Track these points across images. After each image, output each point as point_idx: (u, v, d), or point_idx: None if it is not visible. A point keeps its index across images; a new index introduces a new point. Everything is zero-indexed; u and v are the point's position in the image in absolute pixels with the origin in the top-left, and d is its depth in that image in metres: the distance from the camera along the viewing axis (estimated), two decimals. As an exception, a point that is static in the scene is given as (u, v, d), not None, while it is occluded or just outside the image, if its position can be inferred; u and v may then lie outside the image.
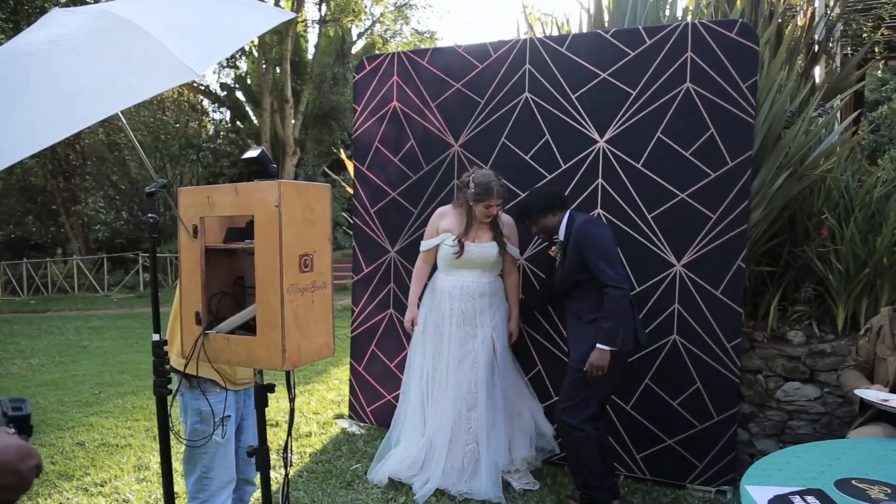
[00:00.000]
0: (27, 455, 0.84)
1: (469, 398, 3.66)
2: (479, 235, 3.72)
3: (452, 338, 3.69)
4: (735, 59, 3.55)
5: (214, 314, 2.19)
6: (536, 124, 4.01)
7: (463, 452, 3.64)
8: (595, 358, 3.16)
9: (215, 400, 2.43)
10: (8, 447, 0.83)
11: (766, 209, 3.66)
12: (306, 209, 1.95)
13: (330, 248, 2.07)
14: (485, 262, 3.71)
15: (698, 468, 3.69)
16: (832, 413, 3.62)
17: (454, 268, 3.73)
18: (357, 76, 4.67)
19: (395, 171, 4.50)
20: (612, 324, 3.15)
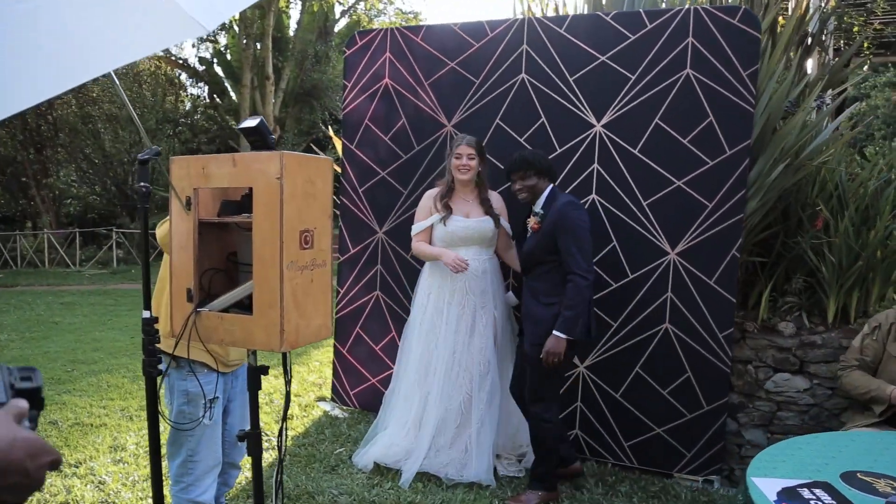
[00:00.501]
0: (39, 452, 0.73)
1: (472, 381, 3.59)
2: (471, 211, 3.65)
3: (453, 318, 3.61)
4: (736, 46, 3.50)
5: (206, 291, 2.09)
6: (532, 106, 3.93)
7: (461, 437, 3.58)
8: (551, 345, 3.14)
9: (204, 381, 2.33)
10: (16, 442, 0.71)
11: (762, 199, 3.64)
12: (307, 182, 1.86)
13: (330, 224, 1.97)
14: (482, 238, 3.64)
15: (686, 457, 3.68)
16: (821, 405, 3.63)
17: (452, 246, 3.65)
18: (348, 51, 4.54)
19: (386, 150, 4.40)
20: (573, 313, 3.13)
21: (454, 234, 3.62)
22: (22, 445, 0.71)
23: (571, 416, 3.90)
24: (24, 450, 0.71)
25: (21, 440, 0.71)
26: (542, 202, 3.36)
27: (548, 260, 3.29)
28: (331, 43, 17.73)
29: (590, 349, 3.82)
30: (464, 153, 3.60)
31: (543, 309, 3.28)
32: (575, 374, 3.87)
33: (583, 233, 3.22)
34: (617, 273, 3.76)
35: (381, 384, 4.44)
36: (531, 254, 3.36)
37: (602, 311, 3.78)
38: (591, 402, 3.87)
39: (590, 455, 3.90)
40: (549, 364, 3.17)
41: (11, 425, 0.72)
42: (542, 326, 3.25)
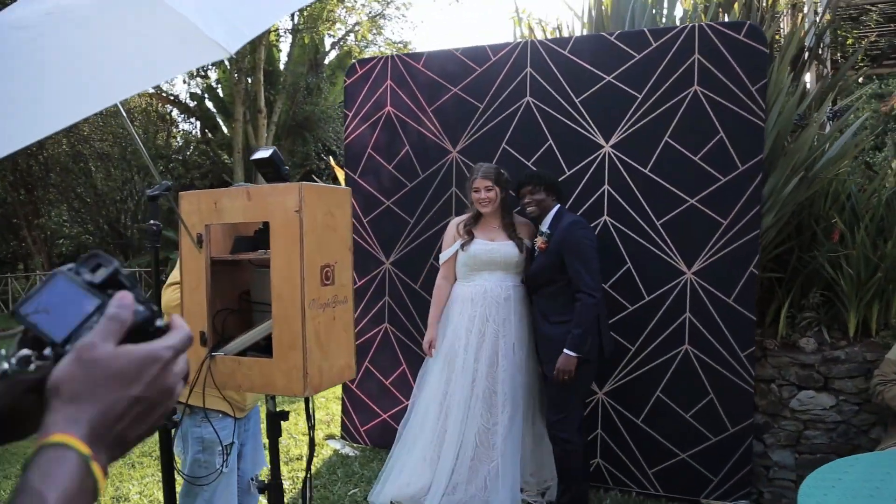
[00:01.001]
0: (148, 362, 0.58)
1: (491, 413, 3.48)
2: (496, 236, 3.56)
3: (472, 346, 3.50)
4: (743, 61, 3.46)
5: (220, 334, 1.99)
6: (539, 129, 3.88)
7: (479, 472, 3.46)
8: (562, 363, 3.18)
9: (219, 426, 2.22)
10: (141, 373, 0.57)
11: (777, 214, 3.58)
12: (327, 215, 1.77)
13: (350, 257, 1.88)
14: (507, 263, 3.54)
15: (713, 482, 3.56)
16: (848, 421, 3.53)
17: (476, 271, 3.56)
18: (348, 80, 4.50)
19: (390, 178, 4.33)
20: (581, 331, 3.18)
21: (477, 257, 3.53)
22: (143, 369, 0.58)
23: (592, 444, 3.78)
24: (131, 370, 0.57)
25: (123, 357, 0.57)
26: (549, 222, 3.40)
27: (556, 279, 3.33)
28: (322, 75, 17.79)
29: (608, 374, 3.72)
30: (481, 187, 3.51)
31: (553, 328, 3.32)
32: (594, 401, 3.76)
33: (589, 251, 3.27)
34: (633, 295, 3.67)
35: (393, 419, 4.31)
36: (539, 273, 3.41)
37: (619, 334, 3.68)
38: (612, 430, 3.76)
39: (613, 485, 3.77)
40: (561, 381, 3.21)
41: (104, 342, 0.57)
42: (551, 346, 3.30)
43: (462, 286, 3.61)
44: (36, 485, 0.50)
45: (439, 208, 4.14)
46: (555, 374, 3.22)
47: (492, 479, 3.43)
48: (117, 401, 0.55)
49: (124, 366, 0.56)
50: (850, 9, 5.40)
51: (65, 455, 0.52)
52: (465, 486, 3.46)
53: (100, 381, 0.55)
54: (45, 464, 0.51)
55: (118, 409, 0.55)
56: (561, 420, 3.31)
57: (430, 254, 4.10)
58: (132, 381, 0.56)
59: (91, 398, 0.54)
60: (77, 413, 0.54)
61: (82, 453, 0.52)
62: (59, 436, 0.52)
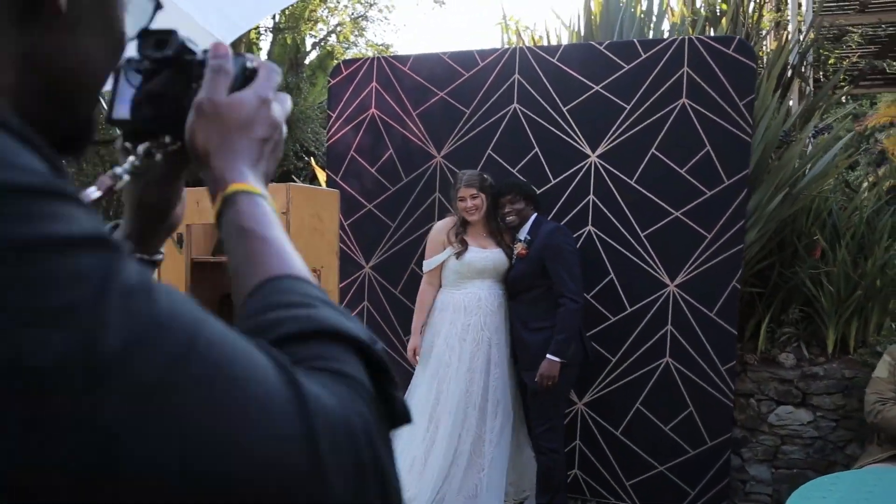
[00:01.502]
0: (259, 104, 0.59)
1: (483, 421, 3.43)
2: (485, 243, 3.53)
3: (466, 355, 3.45)
4: (732, 76, 3.47)
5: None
6: (525, 137, 3.85)
7: (469, 480, 3.40)
8: (545, 369, 3.17)
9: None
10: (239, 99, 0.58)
11: (761, 230, 3.59)
12: (314, 217, 1.71)
13: (337, 263, 1.83)
14: (498, 271, 3.51)
15: (691, 495, 3.55)
16: (825, 437, 3.55)
17: (468, 279, 3.51)
18: (332, 81, 4.43)
19: (372, 182, 4.27)
20: (565, 336, 3.18)
21: (471, 265, 3.48)
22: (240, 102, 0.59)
23: (570, 455, 3.75)
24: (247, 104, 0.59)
25: (253, 107, 0.59)
26: (528, 228, 3.41)
27: (536, 285, 3.33)
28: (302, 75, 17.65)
29: (588, 385, 3.70)
30: (466, 195, 3.46)
31: (532, 335, 3.31)
32: (573, 412, 3.74)
33: (571, 256, 3.29)
34: (615, 306, 3.66)
35: (370, 425, 4.25)
36: (519, 280, 3.40)
37: (600, 345, 3.66)
38: (590, 441, 3.74)
39: (590, 496, 3.75)
40: (544, 387, 3.19)
41: (234, 103, 0.58)
42: (531, 352, 3.29)
43: (451, 294, 3.56)
44: (257, 227, 0.52)
45: (422, 213, 4.09)
46: (538, 381, 3.20)
47: (481, 487, 3.38)
48: (252, 145, 0.58)
49: (246, 112, 0.58)
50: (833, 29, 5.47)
51: (253, 199, 0.54)
52: (455, 495, 3.41)
53: (234, 133, 0.57)
54: (246, 210, 0.53)
55: (255, 152, 0.58)
56: (548, 430, 3.29)
57: (411, 259, 4.05)
58: (255, 124, 0.58)
59: (237, 148, 0.57)
60: (235, 164, 0.56)
61: (263, 195, 0.56)
62: (236, 185, 0.55)
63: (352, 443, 0.39)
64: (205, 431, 0.33)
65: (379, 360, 0.46)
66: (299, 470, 0.36)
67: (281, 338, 0.43)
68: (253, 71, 0.61)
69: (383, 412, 0.44)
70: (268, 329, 0.43)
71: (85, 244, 0.34)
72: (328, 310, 0.47)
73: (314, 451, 0.36)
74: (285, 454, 0.35)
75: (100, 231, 0.35)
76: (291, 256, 0.52)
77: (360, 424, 0.40)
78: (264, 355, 0.38)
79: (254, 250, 0.52)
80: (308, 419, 0.36)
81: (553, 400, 3.26)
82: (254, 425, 0.35)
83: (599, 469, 3.72)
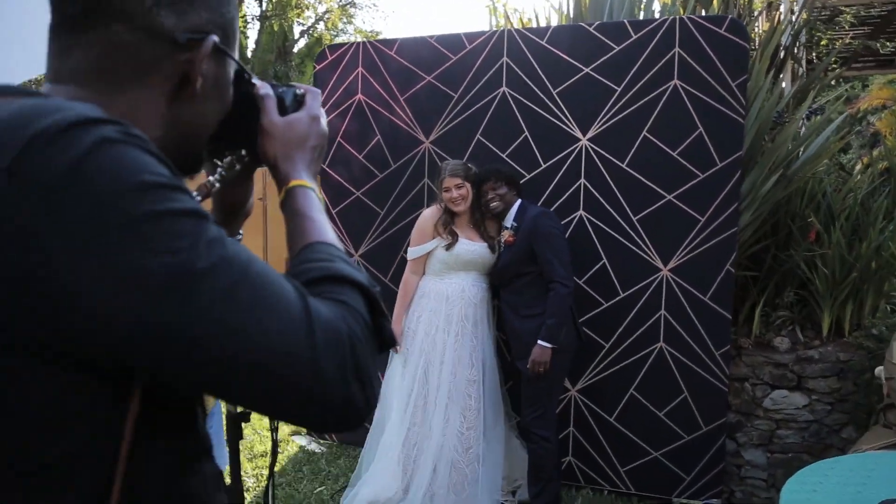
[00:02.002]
0: (310, 121, 0.85)
1: (468, 415, 3.38)
2: (472, 235, 3.47)
3: (450, 347, 3.39)
4: (725, 56, 3.41)
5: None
6: (514, 120, 3.78)
7: (459, 476, 3.35)
8: (537, 354, 3.12)
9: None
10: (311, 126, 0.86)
11: (755, 212, 3.54)
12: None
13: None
14: (484, 265, 3.46)
15: (685, 481, 3.52)
16: (821, 421, 3.51)
17: (454, 270, 3.45)
18: (318, 66, 4.35)
19: (360, 168, 4.20)
20: (555, 321, 3.12)
21: (460, 257, 3.42)
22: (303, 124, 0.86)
23: (564, 442, 3.72)
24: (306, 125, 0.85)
25: (307, 123, 0.86)
26: (513, 215, 3.35)
27: (525, 272, 3.27)
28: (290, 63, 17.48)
29: (581, 372, 3.65)
30: (451, 186, 3.38)
31: (524, 322, 3.26)
32: (567, 399, 3.69)
33: (558, 240, 3.23)
34: (608, 292, 3.61)
35: (361, 415, 4.20)
36: (508, 267, 3.34)
37: (593, 331, 3.62)
38: (584, 427, 3.70)
39: (584, 483, 3.72)
40: (536, 373, 3.14)
41: (293, 122, 0.84)
42: (523, 340, 3.23)
43: (435, 282, 3.50)
44: (306, 210, 0.78)
45: (411, 200, 4.03)
46: (529, 367, 3.15)
47: (471, 483, 3.33)
48: (306, 152, 0.83)
49: (303, 129, 0.83)
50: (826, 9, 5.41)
51: (306, 192, 0.79)
52: (445, 492, 3.36)
53: (294, 144, 0.82)
54: (300, 199, 0.79)
55: (308, 157, 0.83)
56: (539, 417, 3.23)
57: (400, 246, 3.99)
58: (309, 136, 0.83)
59: (295, 156, 0.82)
60: (294, 167, 0.81)
61: (313, 188, 0.81)
62: (295, 181, 0.80)
63: (338, 343, 0.61)
64: (253, 316, 0.57)
65: (374, 298, 0.70)
66: (302, 350, 0.59)
67: (308, 280, 0.67)
68: (303, 96, 0.86)
69: (374, 335, 0.67)
70: (301, 274, 0.68)
71: (189, 214, 0.57)
72: (343, 264, 0.71)
73: (312, 341, 0.59)
74: (295, 339, 0.59)
75: (197, 208, 0.58)
76: (327, 230, 0.77)
77: (347, 333, 0.63)
78: (289, 283, 0.62)
79: (302, 226, 0.77)
80: (311, 321, 0.60)
81: (546, 387, 3.20)
82: (279, 320, 0.58)
83: (593, 456, 3.69)
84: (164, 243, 0.54)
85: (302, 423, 0.66)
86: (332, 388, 0.60)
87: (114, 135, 0.56)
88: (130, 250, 0.53)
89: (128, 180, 0.54)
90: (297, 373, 0.58)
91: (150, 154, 0.57)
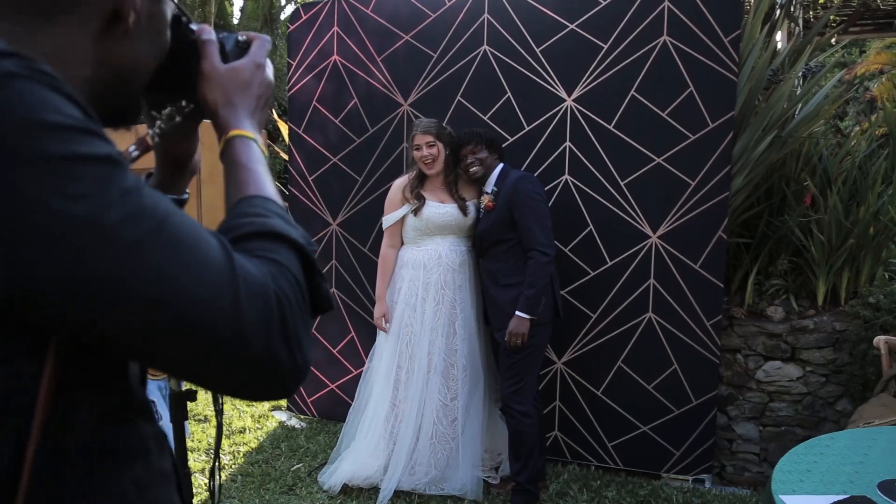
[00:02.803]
0: (255, 68, 0.80)
1: (451, 387, 3.24)
2: (445, 197, 3.30)
3: (429, 316, 3.24)
4: (717, 10, 3.21)
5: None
6: (496, 81, 3.59)
7: (441, 449, 3.23)
8: (514, 326, 2.97)
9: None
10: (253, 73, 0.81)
11: (748, 176, 3.37)
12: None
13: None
14: (461, 227, 3.29)
15: (675, 456, 3.41)
16: (814, 393, 3.39)
17: (428, 235, 3.29)
18: (291, 27, 4.13)
19: (337, 133, 4.01)
20: (534, 291, 2.96)
21: (431, 220, 3.25)
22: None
23: (550, 416, 3.59)
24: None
25: (251, 71, 0.80)
26: (494, 180, 3.17)
27: (505, 238, 3.10)
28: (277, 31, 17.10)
29: (567, 343, 3.51)
30: (422, 143, 3.18)
31: (503, 291, 3.10)
32: (552, 371, 3.56)
33: (540, 205, 3.05)
34: (594, 260, 3.45)
35: (342, 390, 4.07)
36: (487, 234, 3.16)
37: (579, 301, 3.47)
38: (570, 401, 3.57)
39: (571, 458, 3.60)
40: (513, 345, 2.98)
41: (237, 68, 0.79)
42: (502, 310, 3.08)
43: (412, 251, 3.34)
44: (245, 162, 0.73)
45: (389, 165, 3.84)
46: (507, 339, 3.00)
47: (452, 456, 3.21)
48: (250, 100, 0.78)
49: (245, 76, 0.78)
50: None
51: (246, 142, 0.75)
52: (425, 466, 3.24)
53: (236, 91, 0.77)
54: (240, 150, 0.74)
55: (251, 105, 0.78)
56: (517, 391, 3.07)
57: (379, 214, 3.78)
58: (251, 84, 0.78)
59: (237, 103, 0.77)
60: (235, 115, 0.76)
61: (255, 139, 0.76)
62: (236, 131, 0.75)
63: (264, 300, 0.59)
64: (166, 271, 0.54)
65: (310, 258, 0.66)
66: (225, 304, 0.56)
67: (240, 235, 0.64)
68: (246, 43, 0.81)
69: (307, 296, 0.64)
70: (233, 229, 0.64)
71: (101, 160, 0.54)
72: (278, 220, 0.67)
73: (235, 295, 0.57)
74: (217, 293, 0.56)
75: (111, 153, 0.55)
76: (266, 183, 0.72)
77: (274, 291, 0.60)
78: (214, 238, 0.59)
79: (240, 177, 0.72)
80: (234, 278, 0.57)
81: (525, 360, 3.05)
82: (198, 276, 0.56)
83: (580, 430, 3.57)
84: (70, 188, 0.51)
85: (227, 387, 0.62)
86: (256, 346, 0.57)
87: (16, 69, 0.52)
88: (33, 194, 0.49)
89: (30, 119, 0.50)
90: (217, 330, 0.56)
91: (60, 93, 0.53)
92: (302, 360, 0.61)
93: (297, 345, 0.61)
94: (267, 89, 0.80)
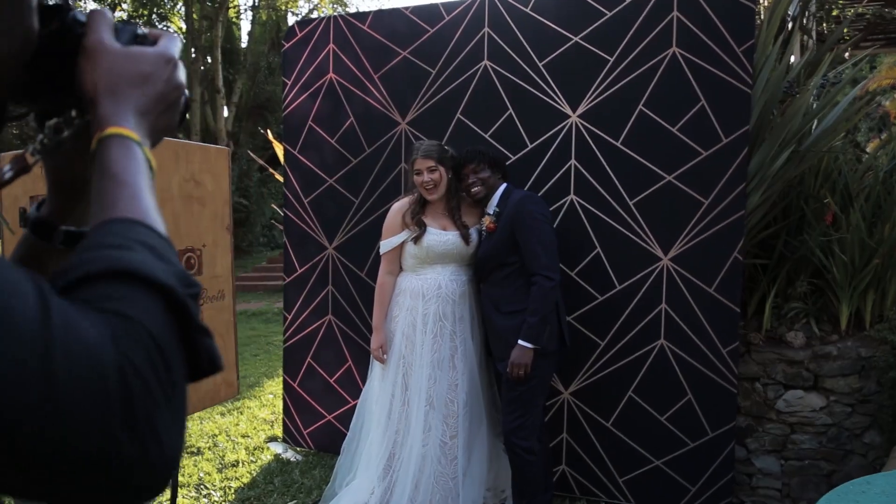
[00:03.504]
0: (162, 61, 0.64)
1: (450, 423, 3.04)
2: (447, 224, 3.12)
3: (427, 348, 3.05)
4: (728, 19, 3.05)
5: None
6: (498, 97, 3.43)
7: (442, 488, 3.02)
8: (516, 356, 2.78)
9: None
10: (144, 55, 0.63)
11: (765, 193, 3.18)
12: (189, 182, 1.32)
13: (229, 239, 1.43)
14: (462, 255, 3.11)
15: (691, 492, 3.19)
16: (840, 424, 3.17)
17: (428, 264, 3.11)
18: (286, 44, 4.00)
19: (333, 154, 3.86)
20: (538, 319, 2.77)
21: (431, 249, 3.07)
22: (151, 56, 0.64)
23: (557, 449, 3.39)
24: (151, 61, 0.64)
25: (154, 62, 0.64)
26: (497, 201, 3.00)
27: (508, 262, 2.92)
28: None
29: (574, 372, 3.32)
30: (423, 168, 3.01)
31: (505, 319, 2.92)
32: (559, 402, 3.36)
33: (544, 226, 2.87)
34: (603, 284, 3.26)
35: (339, 421, 3.88)
36: (488, 258, 2.99)
37: (587, 328, 3.28)
38: (578, 434, 3.37)
39: (580, 494, 3.39)
40: (516, 377, 2.79)
41: (135, 54, 0.63)
42: (504, 339, 2.90)
43: (410, 279, 3.16)
44: (118, 171, 0.56)
45: (387, 187, 3.69)
46: (509, 370, 2.81)
47: (453, 496, 3.00)
48: (146, 98, 0.62)
49: (147, 67, 0.63)
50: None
51: (127, 144, 0.58)
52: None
53: (129, 81, 0.61)
54: (115, 153, 0.57)
55: (146, 104, 0.62)
56: (520, 426, 2.87)
57: (377, 238, 3.62)
58: (154, 78, 0.63)
59: (125, 94, 0.61)
60: (119, 108, 0.60)
61: (139, 143, 0.59)
62: (114, 128, 0.59)
63: (97, 375, 0.43)
64: None
65: (182, 306, 0.50)
66: (31, 386, 0.40)
67: (83, 276, 0.48)
68: (144, 37, 0.66)
69: (175, 360, 0.48)
70: (77, 266, 0.49)
71: None
72: (140, 253, 0.50)
73: (48, 373, 0.41)
74: (20, 371, 0.40)
75: None
76: (142, 202, 0.56)
77: (115, 360, 0.44)
78: (30, 284, 0.43)
79: (108, 192, 0.56)
80: (48, 346, 0.41)
81: (529, 394, 2.85)
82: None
83: (589, 465, 3.36)
84: None
85: (62, 498, 0.45)
86: (84, 443, 0.43)
87: None
88: None
89: None
90: (23, 424, 0.41)
91: None
92: (159, 451, 0.46)
93: (149, 433, 0.45)
94: (175, 91, 0.65)
